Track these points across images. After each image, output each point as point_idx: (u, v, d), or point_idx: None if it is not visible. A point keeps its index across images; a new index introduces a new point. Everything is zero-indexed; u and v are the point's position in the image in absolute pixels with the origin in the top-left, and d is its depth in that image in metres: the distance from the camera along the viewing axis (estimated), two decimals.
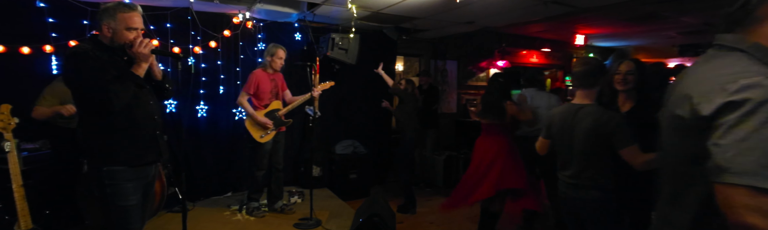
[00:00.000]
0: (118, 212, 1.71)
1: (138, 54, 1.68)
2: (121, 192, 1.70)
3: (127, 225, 1.74)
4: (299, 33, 3.99)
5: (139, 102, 1.73)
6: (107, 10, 1.69)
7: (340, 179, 4.03)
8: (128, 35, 1.70)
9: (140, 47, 1.67)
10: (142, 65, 1.72)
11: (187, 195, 3.58)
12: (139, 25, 1.72)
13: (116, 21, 1.67)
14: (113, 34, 1.69)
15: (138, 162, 1.75)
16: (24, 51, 2.77)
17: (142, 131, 1.76)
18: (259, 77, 3.09)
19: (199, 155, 3.68)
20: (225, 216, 3.30)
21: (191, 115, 3.58)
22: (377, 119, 4.53)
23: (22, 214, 2.03)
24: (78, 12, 2.96)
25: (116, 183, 1.69)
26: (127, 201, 1.72)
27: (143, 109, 1.76)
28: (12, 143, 2.03)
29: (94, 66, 1.60)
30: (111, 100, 1.58)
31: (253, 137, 3.09)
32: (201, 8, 3.34)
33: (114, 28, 1.68)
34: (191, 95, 3.54)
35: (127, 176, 1.71)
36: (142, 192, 1.81)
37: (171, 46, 3.34)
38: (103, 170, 1.67)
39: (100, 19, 1.69)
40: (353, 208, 3.41)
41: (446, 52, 5.39)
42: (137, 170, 1.76)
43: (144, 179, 1.82)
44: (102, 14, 1.69)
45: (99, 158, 1.69)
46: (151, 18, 3.23)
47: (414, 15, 3.70)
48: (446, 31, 4.63)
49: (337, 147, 4.20)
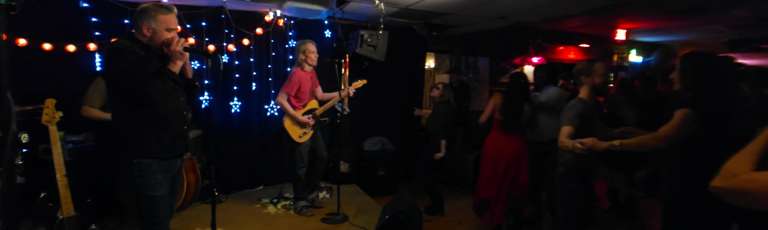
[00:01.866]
0: (148, 201, 1.82)
1: (174, 52, 1.77)
2: (150, 183, 1.80)
3: (156, 214, 1.85)
4: (329, 30, 4.01)
5: (170, 97, 1.82)
6: (147, 11, 1.76)
7: (368, 175, 4.04)
8: (167, 35, 1.79)
9: (177, 46, 1.76)
10: (178, 62, 1.80)
11: (221, 188, 3.71)
12: (177, 26, 1.82)
13: (157, 22, 1.76)
14: (153, 34, 1.78)
15: (166, 155, 1.84)
16: (69, 49, 2.94)
17: (172, 125, 1.85)
18: (300, 77, 3.10)
19: (232, 149, 3.79)
20: (255, 209, 3.38)
21: (225, 111, 3.69)
22: (406, 117, 4.50)
23: (65, 202, 2.16)
24: (119, 11, 3.12)
25: (145, 174, 1.79)
26: (156, 191, 1.81)
27: (174, 104, 1.85)
28: (56, 135, 2.15)
29: (134, 61, 1.69)
30: (151, 93, 1.66)
31: (292, 137, 3.13)
32: (234, 7, 3.42)
33: (154, 28, 1.77)
34: (225, 91, 3.64)
35: (156, 168, 1.80)
36: (169, 183, 1.90)
37: (206, 44, 3.45)
38: (134, 163, 1.77)
39: (140, 19, 1.77)
40: (380, 205, 3.40)
41: (478, 48, 5.27)
42: (165, 163, 1.85)
43: (171, 171, 1.92)
44: (141, 14, 1.77)
45: (130, 151, 1.77)
46: (187, 17, 3.35)
47: (444, 10, 3.63)
48: (478, 27, 4.52)
49: (365, 144, 4.20)
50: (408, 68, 4.52)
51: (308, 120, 3.12)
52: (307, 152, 3.22)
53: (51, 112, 2.17)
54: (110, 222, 2.93)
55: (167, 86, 1.75)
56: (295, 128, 3.14)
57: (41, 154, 2.87)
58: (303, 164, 3.21)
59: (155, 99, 1.69)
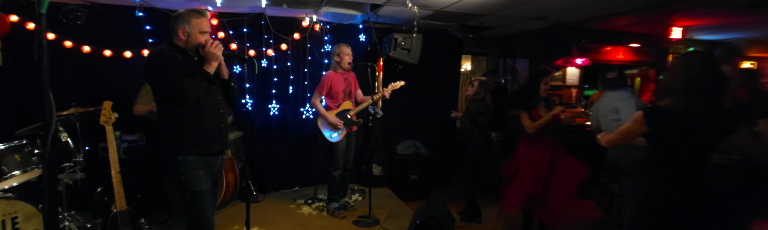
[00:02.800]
0: (193, 196, 1.96)
1: (209, 53, 1.90)
2: (194, 179, 1.94)
3: (201, 207, 1.98)
4: (363, 34, 4.07)
5: (207, 97, 1.94)
6: (181, 16, 1.91)
7: (401, 179, 4.02)
8: (201, 38, 1.93)
9: (211, 47, 1.89)
10: (213, 63, 1.92)
11: (258, 187, 3.85)
12: (209, 29, 1.96)
13: (191, 25, 1.90)
14: (188, 37, 1.92)
15: (206, 151, 1.97)
16: (126, 55, 3.20)
17: (210, 123, 1.97)
18: (331, 78, 3.19)
19: (270, 150, 3.93)
20: (290, 209, 3.48)
21: (264, 113, 3.84)
22: (440, 120, 4.44)
23: (118, 197, 2.34)
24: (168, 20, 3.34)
25: (188, 170, 1.93)
26: (199, 186, 1.95)
27: (211, 103, 1.97)
28: (112, 134, 2.34)
29: (171, 63, 1.84)
30: (186, 91, 1.79)
31: (325, 136, 3.21)
32: (273, 13, 3.57)
33: (189, 31, 1.91)
34: (264, 94, 3.79)
35: (198, 164, 1.94)
36: (211, 179, 2.04)
37: (247, 49, 3.61)
38: (177, 160, 1.91)
39: (176, 24, 1.92)
40: (412, 209, 3.38)
41: (516, 50, 5.11)
42: (206, 160, 1.98)
43: (212, 168, 2.04)
44: (177, 19, 1.91)
45: (173, 148, 1.92)
46: (230, 24, 3.53)
47: (480, 12, 3.56)
48: (516, 28, 4.39)
49: (398, 147, 4.19)
50: (443, 71, 4.48)
51: (337, 121, 3.17)
52: (342, 153, 3.27)
53: (108, 113, 2.37)
54: (159, 217, 3.12)
55: (202, 86, 1.86)
56: (327, 128, 3.21)
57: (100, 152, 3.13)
58: (338, 166, 3.26)
59: (191, 97, 1.81)
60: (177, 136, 1.91)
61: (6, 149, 2.29)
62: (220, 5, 3.06)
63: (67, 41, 3.13)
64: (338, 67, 3.24)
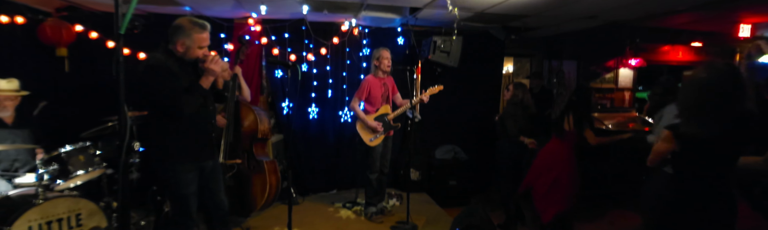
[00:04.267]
0: (179, 199, 1.98)
1: (207, 69, 1.91)
2: (181, 183, 1.95)
3: (186, 208, 1.99)
4: (402, 37, 4.05)
5: (199, 110, 1.94)
6: (183, 28, 1.87)
7: (440, 185, 3.95)
8: (198, 52, 1.92)
9: (210, 63, 1.90)
10: (210, 77, 1.94)
11: (298, 190, 3.92)
12: (208, 43, 1.94)
13: (191, 40, 1.88)
14: (186, 51, 1.91)
15: (193, 159, 1.99)
16: None
17: (200, 132, 2.00)
18: (370, 82, 3.20)
19: (309, 153, 3.99)
20: (329, 212, 3.51)
21: (303, 117, 3.91)
22: (481, 125, 4.32)
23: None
24: (216, 27, 3.49)
25: (177, 174, 1.94)
26: (187, 189, 1.96)
27: (201, 114, 1.98)
28: None
29: (167, 77, 1.81)
30: (182, 108, 1.81)
31: (363, 140, 3.22)
32: (313, 19, 3.63)
33: (188, 45, 1.89)
34: (303, 98, 3.87)
35: (187, 168, 1.96)
36: (204, 179, 2.06)
37: (288, 54, 3.70)
38: (166, 165, 1.94)
39: (175, 35, 1.88)
40: (451, 216, 3.30)
41: (563, 51, 4.88)
42: (193, 165, 1.99)
43: (203, 170, 2.06)
44: (177, 31, 1.88)
45: (162, 155, 1.94)
46: (273, 30, 3.64)
47: (523, 13, 3.43)
48: (562, 28, 4.19)
49: (437, 152, 4.12)
50: (484, 74, 4.36)
51: (376, 125, 3.16)
52: (379, 157, 3.26)
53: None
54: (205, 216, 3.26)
55: (197, 101, 1.88)
56: (365, 132, 3.21)
57: None
58: (374, 169, 3.26)
59: (186, 112, 1.84)
60: (167, 143, 1.93)
61: (72, 150, 2.47)
62: (264, 12, 3.15)
63: (125, 49, 3.36)
64: (378, 71, 3.23)
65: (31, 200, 2.14)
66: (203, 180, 2.09)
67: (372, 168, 3.26)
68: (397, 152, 4.20)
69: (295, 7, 3.17)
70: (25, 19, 3.00)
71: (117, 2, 1.08)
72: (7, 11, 2.90)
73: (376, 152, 3.24)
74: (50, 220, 2.17)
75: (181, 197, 1.98)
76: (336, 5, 3.16)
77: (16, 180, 2.51)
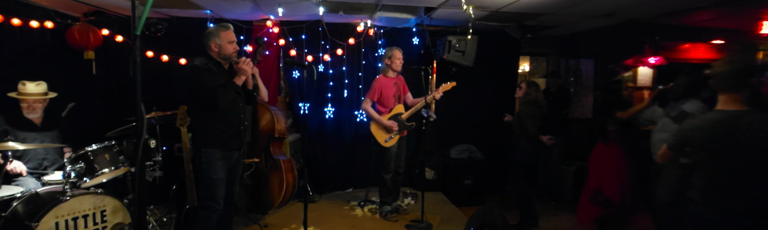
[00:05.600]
0: (210, 182, 2.27)
1: (239, 69, 2.26)
2: (213, 168, 2.26)
3: (215, 192, 2.28)
4: (417, 37, 4.06)
5: (232, 103, 2.26)
6: (211, 31, 2.24)
7: (454, 184, 3.95)
8: (230, 47, 2.25)
9: (242, 64, 2.24)
10: (241, 77, 2.27)
11: (314, 188, 3.98)
12: (235, 39, 2.29)
13: (220, 38, 2.23)
14: (219, 49, 2.25)
15: (225, 147, 2.29)
16: None
17: (232, 124, 2.31)
18: (382, 83, 3.23)
19: (325, 152, 4.05)
20: (344, 210, 3.55)
21: (320, 117, 3.97)
22: (496, 124, 4.29)
23: (191, 194, 2.52)
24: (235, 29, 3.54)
25: (209, 161, 2.25)
26: (216, 174, 2.27)
27: (234, 109, 2.30)
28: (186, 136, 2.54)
29: (207, 76, 2.16)
30: (218, 100, 2.14)
31: (378, 141, 3.24)
32: (330, 20, 3.68)
33: (219, 43, 2.24)
34: (320, 98, 3.92)
35: (217, 156, 2.26)
36: (227, 170, 2.35)
37: (305, 55, 3.76)
38: (201, 151, 2.25)
39: (208, 39, 2.23)
40: (466, 215, 3.31)
41: (580, 49, 4.81)
42: (225, 153, 2.29)
43: (229, 160, 2.34)
44: (207, 36, 2.24)
45: (200, 142, 2.28)
46: (290, 31, 3.70)
47: (540, 11, 3.40)
48: (580, 27, 4.13)
49: (452, 151, 4.12)
50: (499, 73, 4.34)
51: (392, 125, 3.18)
52: (394, 158, 3.28)
53: (183, 117, 2.57)
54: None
55: (231, 96, 2.20)
56: (380, 133, 3.23)
57: (176, 152, 3.42)
58: (389, 170, 3.28)
59: (221, 105, 2.16)
60: (203, 133, 2.27)
61: (98, 149, 2.57)
62: (282, 14, 3.22)
63: (148, 51, 3.47)
64: (389, 70, 3.26)
65: (58, 197, 2.22)
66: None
67: (387, 169, 3.28)
68: (412, 152, 4.22)
69: (311, 8, 3.22)
70: (54, 23, 3.13)
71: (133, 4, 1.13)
72: (37, 16, 3.03)
73: (390, 153, 3.26)
74: (76, 216, 2.26)
75: (210, 181, 2.27)
76: (351, 6, 3.20)
77: (45, 177, 2.62)
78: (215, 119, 2.26)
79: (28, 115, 2.69)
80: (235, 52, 2.29)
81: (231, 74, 2.30)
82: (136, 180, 1.10)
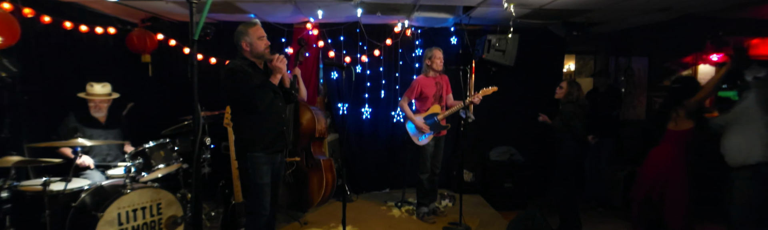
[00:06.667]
0: (256, 188, 2.21)
1: (274, 67, 2.17)
2: (259, 173, 2.20)
3: (262, 197, 2.22)
4: (455, 37, 4.00)
5: (271, 104, 2.20)
6: (239, 30, 2.18)
7: (494, 187, 3.84)
8: (261, 43, 2.18)
9: (276, 62, 2.15)
10: (277, 75, 2.20)
11: (352, 188, 4.03)
12: (264, 34, 2.21)
13: (249, 35, 2.16)
14: (251, 47, 2.18)
15: (270, 150, 2.23)
16: None
17: (273, 125, 2.25)
18: (421, 83, 3.21)
19: (363, 152, 4.09)
20: (381, 211, 3.57)
21: (357, 117, 4.02)
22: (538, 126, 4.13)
23: (236, 190, 2.65)
24: (277, 32, 3.71)
25: (255, 165, 2.19)
26: (263, 179, 2.21)
27: (274, 109, 2.24)
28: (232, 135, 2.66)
29: (243, 78, 2.10)
30: (256, 102, 2.08)
31: (412, 139, 3.24)
32: (367, 21, 3.72)
33: (250, 41, 2.17)
34: (358, 99, 3.97)
35: (263, 160, 2.21)
36: (272, 173, 2.28)
37: (343, 56, 3.82)
38: (247, 156, 2.19)
39: (238, 38, 2.17)
40: (506, 220, 3.21)
41: (632, 47, 4.53)
42: (269, 157, 2.24)
43: (273, 164, 2.29)
44: (237, 35, 2.17)
45: (243, 147, 2.20)
46: (329, 33, 3.78)
47: (587, 7, 3.24)
48: (631, 23, 3.89)
49: (491, 153, 4.02)
50: (542, 73, 4.18)
51: (423, 125, 3.16)
52: (430, 157, 3.25)
53: (229, 117, 2.70)
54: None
55: (269, 96, 2.14)
56: (414, 131, 3.22)
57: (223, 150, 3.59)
58: (425, 170, 3.25)
59: (260, 107, 2.10)
60: (247, 136, 2.20)
61: (154, 146, 2.75)
62: (321, 17, 3.29)
63: (198, 55, 3.68)
64: (430, 70, 3.23)
65: (120, 190, 2.41)
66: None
67: (422, 168, 3.25)
68: (450, 153, 4.16)
69: (349, 10, 3.27)
70: (115, 29, 3.39)
71: (191, 11, 1.20)
72: (101, 23, 3.30)
73: (426, 152, 3.23)
74: (136, 208, 2.44)
75: (256, 186, 2.21)
76: (389, 7, 3.21)
77: (109, 171, 2.85)
78: (257, 122, 2.20)
79: (94, 114, 2.93)
80: (268, 48, 2.22)
81: (267, 74, 2.23)
82: (195, 175, 1.17)
